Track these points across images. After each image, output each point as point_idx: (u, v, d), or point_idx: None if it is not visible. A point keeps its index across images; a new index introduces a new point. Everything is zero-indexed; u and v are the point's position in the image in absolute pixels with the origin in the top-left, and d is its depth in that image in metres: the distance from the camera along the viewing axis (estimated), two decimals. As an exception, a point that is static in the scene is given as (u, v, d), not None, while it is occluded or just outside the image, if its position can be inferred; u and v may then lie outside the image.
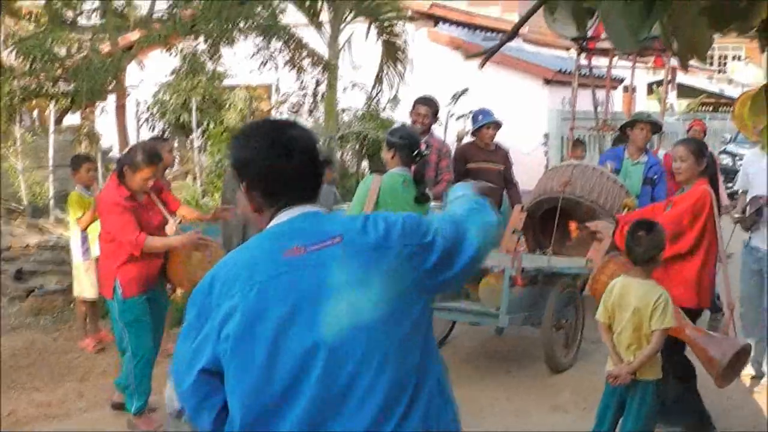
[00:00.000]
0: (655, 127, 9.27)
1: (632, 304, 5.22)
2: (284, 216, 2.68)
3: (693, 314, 6.05)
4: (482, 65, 2.19)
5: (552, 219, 8.21)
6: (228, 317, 2.51)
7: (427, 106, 9.04)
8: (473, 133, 9.74)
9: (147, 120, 18.11)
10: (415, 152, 6.29)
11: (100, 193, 7.16)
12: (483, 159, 9.49)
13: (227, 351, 2.50)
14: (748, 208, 7.58)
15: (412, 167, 6.28)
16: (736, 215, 7.72)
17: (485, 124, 9.44)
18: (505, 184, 9.71)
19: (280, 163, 2.66)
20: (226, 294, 2.53)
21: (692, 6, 2.01)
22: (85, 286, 8.73)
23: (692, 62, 2.40)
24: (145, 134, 16.24)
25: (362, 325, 2.52)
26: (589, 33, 10.94)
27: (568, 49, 21.39)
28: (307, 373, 2.47)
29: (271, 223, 2.69)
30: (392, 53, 13.39)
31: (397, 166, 6.15)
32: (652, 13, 2.12)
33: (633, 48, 1.98)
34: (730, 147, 22.14)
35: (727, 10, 2.05)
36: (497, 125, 9.50)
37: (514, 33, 2.22)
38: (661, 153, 10.35)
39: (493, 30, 22.23)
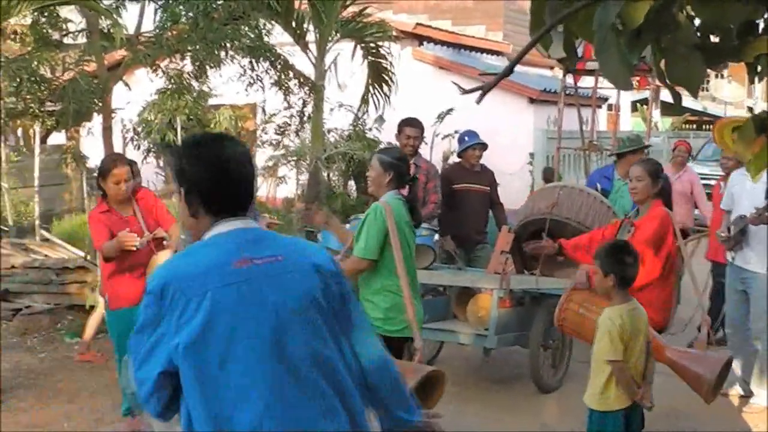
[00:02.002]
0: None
1: (643, 326, 5.19)
2: (224, 227, 2.73)
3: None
4: (479, 101, 2.21)
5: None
6: (183, 325, 2.57)
7: (415, 128, 9.05)
8: (459, 155, 9.78)
9: (132, 139, 18.11)
10: (407, 175, 6.16)
11: None
12: (469, 180, 9.52)
13: (181, 356, 2.56)
14: (732, 227, 7.62)
15: (401, 190, 6.13)
16: (722, 234, 7.76)
17: (471, 145, 9.48)
18: (490, 205, 9.74)
19: (224, 175, 2.74)
20: (178, 300, 2.59)
21: (685, 40, 2.04)
22: None
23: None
24: (131, 154, 16.22)
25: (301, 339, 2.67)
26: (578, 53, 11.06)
27: (552, 68, 21.49)
28: (256, 380, 2.57)
29: (212, 232, 2.74)
30: (378, 74, 13.41)
31: (392, 189, 6.01)
32: (641, 40, 2.16)
33: (627, 86, 1.99)
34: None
35: (721, 47, 2.08)
36: (483, 147, 9.54)
37: (510, 69, 2.24)
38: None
39: (477, 49, 22.32)
